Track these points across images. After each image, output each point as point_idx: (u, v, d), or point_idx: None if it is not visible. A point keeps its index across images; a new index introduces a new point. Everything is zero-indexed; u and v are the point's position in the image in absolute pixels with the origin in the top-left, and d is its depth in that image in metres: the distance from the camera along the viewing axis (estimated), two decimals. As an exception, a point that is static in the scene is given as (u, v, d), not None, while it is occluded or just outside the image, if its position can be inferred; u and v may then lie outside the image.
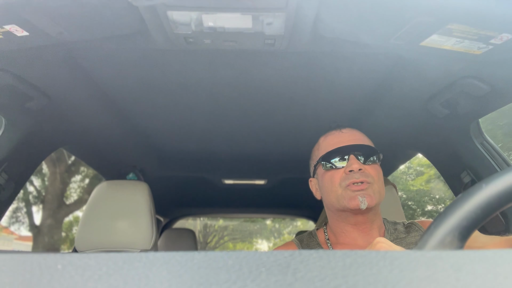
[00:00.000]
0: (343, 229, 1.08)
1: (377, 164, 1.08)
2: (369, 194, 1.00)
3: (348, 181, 1.01)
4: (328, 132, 1.17)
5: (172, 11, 0.82)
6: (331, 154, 1.07)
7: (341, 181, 1.03)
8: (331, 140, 1.12)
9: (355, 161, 1.03)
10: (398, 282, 0.25)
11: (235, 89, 1.33)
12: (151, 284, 0.25)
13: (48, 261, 0.28)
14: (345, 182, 1.02)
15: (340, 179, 1.04)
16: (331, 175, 1.06)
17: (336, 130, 1.14)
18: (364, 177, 1.01)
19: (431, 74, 1.12)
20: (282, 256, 0.28)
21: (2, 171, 1.30)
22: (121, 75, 1.24)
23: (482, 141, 1.40)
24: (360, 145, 1.07)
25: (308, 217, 3.79)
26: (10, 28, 0.86)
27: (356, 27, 0.89)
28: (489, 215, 0.37)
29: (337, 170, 1.05)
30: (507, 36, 0.85)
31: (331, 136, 1.14)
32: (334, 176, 1.05)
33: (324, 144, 1.13)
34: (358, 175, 1.01)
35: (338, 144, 1.08)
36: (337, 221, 1.09)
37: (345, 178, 1.03)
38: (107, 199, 1.51)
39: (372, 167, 1.05)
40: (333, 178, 1.05)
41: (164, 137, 1.90)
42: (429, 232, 0.37)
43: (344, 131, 1.13)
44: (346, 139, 1.09)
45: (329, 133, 1.16)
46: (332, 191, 1.05)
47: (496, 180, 0.38)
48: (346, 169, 1.03)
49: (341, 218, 1.08)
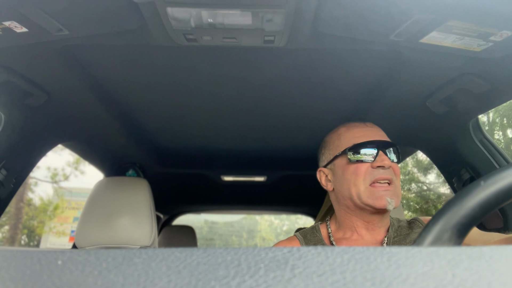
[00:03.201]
0: (353, 224, 1.07)
1: (398, 165, 1.08)
2: (396, 195, 0.99)
3: (374, 177, 1.00)
4: (350, 123, 1.15)
5: (172, 8, 0.81)
6: (359, 146, 1.05)
7: (365, 176, 1.02)
8: (356, 132, 1.10)
9: (386, 157, 1.02)
10: (396, 278, 0.25)
11: (235, 85, 1.33)
12: (150, 280, 0.25)
13: (48, 257, 0.28)
14: (370, 178, 1.01)
15: (365, 173, 1.02)
16: (356, 168, 1.03)
17: (360, 123, 1.13)
18: (390, 175, 1.01)
19: (430, 71, 1.12)
20: (280, 252, 0.28)
21: (2, 168, 1.30)
22: (120, 71, 1.23)
23: (482, 138, 1.40)
24: (389, 142, 1.07)
25: (307, 213, 3.80)
26: (9, 24, 0.86)
27: (356, 24, 0.89)
28: (488, 212, 0.37)
29: (362, 164, 1.03)
30: (507, 33, 0.85)
31: (356, 128, 1.11)
32: (359, 169, 1.03)
33: (347, 135, 1.10)
34: (385, 171, 1.00)
35: (365, 137, 1.06)
36: (349, 215, 1.08)
37: (371, 173, 1.01)
38: (107, 196, 1.51)
39: (396, 167, 1.05)
40: (357, 171, 1.03)
41: (163, 133, 1.90)
42: (427, 229, 0.38)
43: (368, 125, 1.12)
44: (373, 134, 1.08)
45: (352, 124, 1.14)
46: (355, 185, 1.03)
47: (494, 177, 0.38)
48: (375, 164, 1.01)
49: (355, 213, 1.06)
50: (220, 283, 0.25)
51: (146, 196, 1.52)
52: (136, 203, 1.49)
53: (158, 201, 1.82)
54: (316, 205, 2.26)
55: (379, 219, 1.05)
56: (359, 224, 1.06)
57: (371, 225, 1.05)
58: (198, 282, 0.25)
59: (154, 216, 1.52)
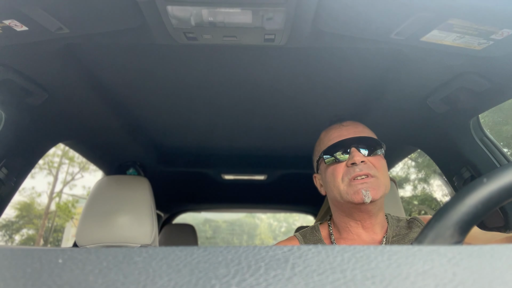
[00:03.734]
0: (347, 224, 1.07)
1: (381, 156, 1.06)
2: (373, 187, 0.98)
3: (350, 175, 1.00)
4: (330, 127, 1.16)
5: (172, 6, 0.81)
6: (332, 148, 1.06)
7: (343, 176, 1.02)
8: (332, 134, 1.11)
9: (357, 153, 1.02)
10: (396, 276, 0.25)
11: (235, 84, 1.33)
12: (151, 278, 0.25)
13: (49, 255, 0.28)
14: (347, 177, 1.01)
15: (342, 173, 1.03)
16: (333, 169, 1.05)
17: (337, 124, 1.13)
18: (367, 169, 1.00)
19: (431, 70, 1.11)
20: (281, 251, 0.28)
21: (2, 166, 1.31)
22: (120, 70, 1.23)
23: (482, 136, 1.40)
24: (361, 137, 1.06)
25: (307, 212, 3.80)
26: (10, 23, 0.86)
27: (356, 22, 0.89)
28: (490, 210, 0.37)
29: (339, 164, 1.04)
30: (508, 31, 0.85)
31: (332, 130, 1.12)
32: (336, 170, 1.04)
33: (325, 139, 1.12)
34: (361, 167, 1.00)
35: (339, 137, 1.07)
36: (341, 216, 1.08)
37: (347, 172, 1.01)
38: (108, 194, 1.51)
39: (375, 159, 1.04)
40: (335, 172, 1.04)
41: (164, 132, 1.90)
42: (429, 226, 0.37)
43: (345, 124, 1.12)
44: (347, 132, 1.08)
45: (330, 127, 1.15)
46: (335, 186, 1.04)
47: (497, 174, 0.38)
48: (348, 162, 1.02)
49: (345, 213, 1.07)
50: (220, 282, 0.25)
51: (147, 195, 1.52)
52: (137, 201, 1.49)
53: (159, 200, 1.82)
54: (316, 204, 2.27)
55: (369, 215, 1.04)
56: (352, 224, 1.06)
57: (364, 223, 1.05)
58: (199, 281, 0.25)
59: (155, 214, 1.52)
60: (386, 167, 1.07)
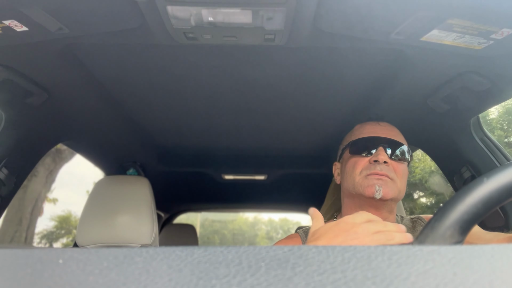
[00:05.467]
0: None
1: (405, 164, 1.07)
2: (387, 186, 0.99)
3: (370, 171, 1.01)
4: (366, 122, 1.17)
5: (172, 6, 0.81)
6: (361, 141, 1.07)
7: (363, 169, 1.03)
8: (366, 129, 1.12)
9: (383, 153, 1.02)
10: (397, 276, 0.25)
11: (235, 84, 1.33)
12: (151, 278, 0.25)
13: (50, 255, 0.28)
14: (366, 171, 1.02)
15: (362, 167, 1.03)
16: (355, 161, 1.06)
17: (374, 121, 1.15)
18: (387, 171, 1.00)
19: (431, 70, 1.11)
20: (281, 251, 0.28)
21: (3, 167, 1.31)
22: (120, 70, 1.23)
23: (482, 136, 1.40)
24: (392, 140, 1.07)
25: (307, 212, 3.79)
26: (9, 23, 0.86)
27: (356, 22, 0.89)
28: (490, 209, 0.37)
29: (362, 158, 1.05)
30: (508, 31, 0.85)
31: (368, 125, 1.14)
32: (358, 162, 1.05)
33: (358, 131, 1.14)
34: (382, 167, 1.00)
35: (372, 133, 1.08)
36: (351, 208, 1.09)
37: (368, 167, 1.02)
38: (108, 194, 1.51)
39: (398, 164, 1.04)
40: (356, 164, 1.05)
41: (164, 132, 1.90)
42: (430, 226, 0.37)
43: (382, 124, 1.13)
44: (381, 131, 1.09)
45: (367, 123, 1.16)
46: (351, 177, 1.05)
47: (497, 174, 0.38)
48: (372, 158, 1.03)
49: (354, 205, 1.07)
50: (221, 282, 0.25)
51: (147, 195, 1.52)
52: (137, 201, 1.49)
53: (159, 200, 1.82)
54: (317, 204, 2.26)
55: (378, 213, 1.04)
56: None
57: None
58: (199, 281, 0.25)
59: (155, 214, 1.52)
60: (406, 175, 1.08)
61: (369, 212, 1.02)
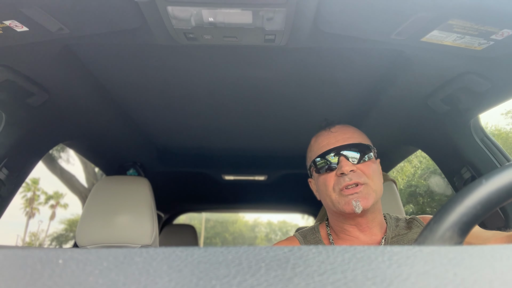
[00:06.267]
0: (343, 228, 1.07)
1: (371, 161, 1.05)
2: (363, 197, 0.97)
3: (341, 185, 0.99)
4: (319, 132, 1.14)
5: (172, 7, 0.81)
6: (321, 157, 1.05)
7: (334, 185, 1.01)
8: (321, 141, 1.09)
9: (345, 163, 1.00)
10: (397, 277, 0.25)
11: (235, 84, 1.33)
12: (151, 279, 0.25)
13: (50, 256, 0.28)
14: (338, 187, 1.00)
15: (333, 182, 1.02)
16: (324, 179, 1.04)
17: (326, 130, 1.11)
18: (357, 178, 0.99)
19: (431, 70, 1.11)
20: (281, 251, 0.28)
21: (3, 167, 1.31)
22: (121, 70, 1.23)
23: (483, 137, 1.40)
24: (350, 144, 1.04)
25: (308, 212, 3.79)
26: (10, 23, 0.86)
27: (357, 22, 0.89)
28: (489, 210, 0.37)
29: (329, 174, 1.03)
30: (508, 32, 0.85)
31: (321, 137, 1.11)
32: (327, 179, 1.03)
33: (315, 146, 1.11)
34: (350, 176, 0.99)
35: (327, 146, 1.06)
36: (337, 221, 1.08)
37: (337, 181, 1.00)
38: (108, 195, 1.51)
39: (365, 166, 1.02)
40: (326, 182, 1.04)
41: (164, 132, 1.90)
42: (428, 228, 0.37)
43: (334, 130, 1.09)
44: (335, 140, 1.06)
45: (319, 134, 1.13)
46: (327, 195, 1.04)
47: (496, 175, 0.38)
48: (337, 172, 1.01)
49: (340, 219, 1.07)
50: (221, 282, 0.25)
51: (147, 195, 1.52)
52: (137, 202, 1.49)
53: (159, 200, 1.82)
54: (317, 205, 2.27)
55: (365, 220, 1.04)
56: (348, 228, 1.06)
57: (360, 227, 1.05)
58: (199, 281, 0.25)
59: (155, 215, 1.52)
60: (377, 171, 1.06)
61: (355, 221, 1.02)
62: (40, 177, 36.05)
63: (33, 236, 36.12)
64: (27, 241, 34.14)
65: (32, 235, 36.27)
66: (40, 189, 37.37)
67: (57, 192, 37.55)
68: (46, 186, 38.70)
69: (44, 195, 37.90)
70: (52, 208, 37.99)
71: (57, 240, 16.13)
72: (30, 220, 36.95)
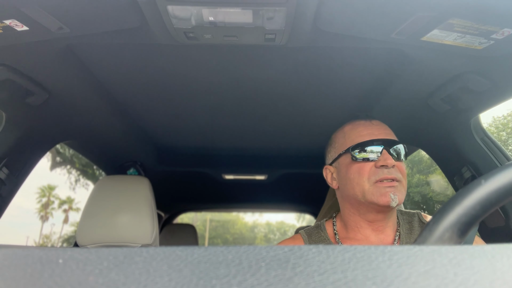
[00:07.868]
0: (357, 224, 1.06)
1: (404, 162, 1.07)
2: (400, 192, 0.98)
3: (378, 176, 0.99)
4: (356, 121, 1.13)
5: (173, 6, 0.81)
6: (363, 145, 1.04)
7: (370, 176, 1.01)
8: (361, 130, 1.08)
9: (389, 157, 1.01)
10: (397, 277, 0.25)
11: (236, 84, 1.33)
12: (151, 278, 0.25)
13: (49, 255, 0.28)
14: (374, 177, 1.00)
15: (369, 173, 1.01)
16: (360, 167, 1.03)
17: (366, 121, 1.11)
18: (395, 173, 1.00)
19: (432, 69, 1.11)
20: (281, 251, 0.28)
21: (3, 166, 1.31)
22: (121, 70, 1.23)
23: (483, 136, 1.39)
24: (394, 141, 1.05)
25: (307, 212, 3.80)
26: (10, 22, 0.86)
27: (357, 22, 0.89)
28: (488, 210, 0.37)
29: (366, 163, 1.02)
30: (509, 31, 0.85)
31: (361, 126, 1.10)
32: (363, 169, 1.02)
33: (352, 134, 1.09)
34: (390, 171, 0.99)
35: (370, 136, 1.05)
36: (353, 214, 1.07)
37: (375, 172, 1.00)
38: (108, 194, 1.51)
39: (402, 165, 1.04)
40: (361, 170, 1.02)
41: (164, 132, 1.90)
42: (428, 229, 0.37)
43: (374, 123, 1.10)
44: (378, 132, 1.06)
45: (358, 122, 1.12)
46: (358, 184, 1.02)
47: (495, 175, 0.38)
48: (378, 163, 1.01)
49: (359, 212, 1.05)
50: (221, 282, 0.25)
51: (147, 195, 1.52)
52: (137, 201, 1.49)
53: (159, 200, 1.82)
54: (317, 204, 2.27)
55: (383, 218, 1.03)
56: (362, 224, 1.05)
57: (375, 225, 1.04)
58: (199, 281, 0.25)
59: (155, 214, 1.52)
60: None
61: (374, 217, 1.02)
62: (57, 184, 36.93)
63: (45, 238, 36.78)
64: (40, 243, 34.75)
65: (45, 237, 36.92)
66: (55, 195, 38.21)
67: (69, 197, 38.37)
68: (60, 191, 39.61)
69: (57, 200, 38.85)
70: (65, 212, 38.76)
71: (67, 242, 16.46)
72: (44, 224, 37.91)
